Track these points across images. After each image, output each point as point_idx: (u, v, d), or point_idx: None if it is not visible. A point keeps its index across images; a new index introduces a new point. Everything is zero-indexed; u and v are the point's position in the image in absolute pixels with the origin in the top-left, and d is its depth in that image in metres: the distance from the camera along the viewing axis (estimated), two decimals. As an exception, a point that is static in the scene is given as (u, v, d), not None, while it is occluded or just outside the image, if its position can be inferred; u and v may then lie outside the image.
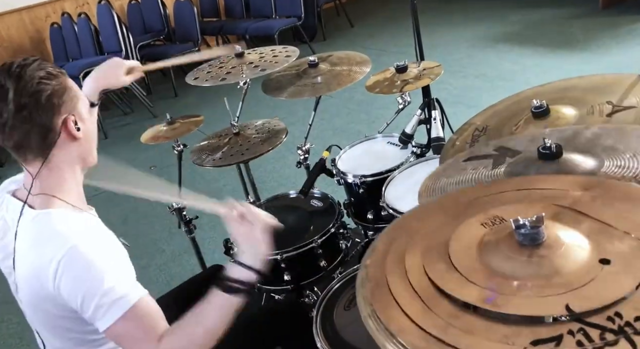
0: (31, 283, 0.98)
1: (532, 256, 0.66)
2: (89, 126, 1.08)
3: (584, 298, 0.60)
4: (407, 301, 0.68)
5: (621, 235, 0.68)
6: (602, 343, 0.55)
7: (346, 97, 4.01)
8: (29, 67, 1.00)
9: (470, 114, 1.40)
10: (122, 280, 0.97)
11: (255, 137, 1.90)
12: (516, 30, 4.65)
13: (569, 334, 0.57)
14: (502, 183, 0.93)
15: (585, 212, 0.74)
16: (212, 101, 3.87)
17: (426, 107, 1.74)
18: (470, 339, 0.60)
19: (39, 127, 0.99)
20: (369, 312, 0.69)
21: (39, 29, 5.58)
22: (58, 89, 1.01)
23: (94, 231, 1.03)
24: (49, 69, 1.01)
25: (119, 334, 0.97)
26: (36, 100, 0.97)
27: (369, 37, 5.51)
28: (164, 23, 5.45)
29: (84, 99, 1.08)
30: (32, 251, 0.98)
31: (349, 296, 1.35)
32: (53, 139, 1.01)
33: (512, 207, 0.80)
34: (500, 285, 0.65)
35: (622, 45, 3.77)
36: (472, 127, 1.38)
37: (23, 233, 1.01)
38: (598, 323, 0.57)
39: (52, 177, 1.03)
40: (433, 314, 0.64)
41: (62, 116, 1.01)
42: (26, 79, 0.97)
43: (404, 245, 0.80)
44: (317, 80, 1.87)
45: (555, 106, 1.20)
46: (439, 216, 0.84)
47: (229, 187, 3.17)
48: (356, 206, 1.83)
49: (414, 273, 0.72)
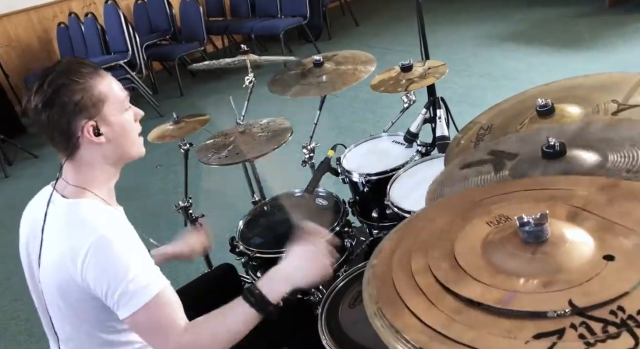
0: (59, 268, 1.01)
1: (536, 253, 0.67)
2: (118, 129, 1.08)
3: (588, 294, 0.60)
4: (412, 298, 0.69)
5: (627, 232, 0.69)
6: (604, 336, 0.56)
7: (351, 97, 4.01)
8: (50, 75, 1.02)
9: (474, 113, 1.40)
10: (146, 270, 1.00)
11: (261, 135, 1.91)
12: (521, 29, 4.63)
13: (571, 328, 0.58)
14: (507, 184, 0.94)
15: (591, 210, 0.75)
16: (218, 100, 3.88)
17: (431, 106, 1.74)
18: (473, 333, 0.61)
19: (58, 131, 1.04)
20: (374, 310, 0.69)
21: (47, 29, 5.63)
22: (78, 96, 1.02)
23: (120, 224, 1.07)
24: (74, 75, 1.02)
25: (140, 323, 1.00)
26: (51, 108, 1.01)
27: (374, 36, 5.51)
28: (170, 23, 5.48)
29: (116, 102, 1.08)
30: (61, 237, 1.01)
31: (354, 294, 1.36)
32: (75, 141, 1.04)
33: (518, 206, 0.81)
34: (504, 282, 0.65)
35: (629, 44, 3.75)
36: (477, 126, 1.39)
37: (53, 220, 1.05)
38: (600, 316, 0.58)
39: (82, 173, 1.08)
40: (437, 310, 0.65)
41: (81, 121, 1.03)
42: (47, 88, 1.01)
43: (410, 245, 0.81)
44: (323, 79, 1.87)
45: (561, 105, 1.19)
46: (445, 216, 0.85)
47: (234, 187, 3.18)
48: (361, 204, 1.84)
49: (419, 272, 0.73)
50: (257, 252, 1.65)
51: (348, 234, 1.74)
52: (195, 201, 2.09)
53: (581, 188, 0.81)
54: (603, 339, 0.55)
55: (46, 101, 1.01)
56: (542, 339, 0.57)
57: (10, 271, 2.89)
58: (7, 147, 4.54)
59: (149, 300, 0.98)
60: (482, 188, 0.98)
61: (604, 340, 0.55)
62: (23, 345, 2.33)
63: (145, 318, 0.99)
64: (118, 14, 4.78)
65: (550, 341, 0.57)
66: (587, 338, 0.56)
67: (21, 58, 5.55)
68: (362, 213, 1.85)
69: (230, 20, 5.89)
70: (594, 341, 0.55)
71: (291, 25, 5.26)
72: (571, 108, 1.19)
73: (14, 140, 4.60)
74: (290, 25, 5.25)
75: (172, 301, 1.03)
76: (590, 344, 0.55)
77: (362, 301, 1.32)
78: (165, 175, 3.60)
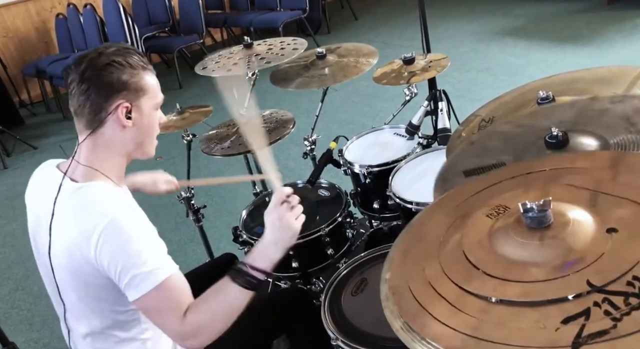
0: (72, 251, 1.03)
1: (543, 239, 0.68)
2: (145, 121, 1.11)
3: (603, 271, 0.61)
4: (435, 306, 0.69)
5: (618, 201, 0.70)
6: (628, 308, 0.56)
7: (350, 90, 4.02)
8: (110, 49, 1.06)
9: (473, 107, 1.42)
10: (157, 253, 1.03)
11: (263, 126, 1.92)
12: (521, 24, 4.65)
13: (595, 306, 0.58)
14: (494, 174, 0.95)
15: (579, 185, 0.76)
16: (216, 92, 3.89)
17: (433, 98, 1.76)
18: (503, 331, 0.61)
19: (92, 102, 1.05)
20: (400, 325, 0.69)
21: (44, 20, 5.60)
22: (126, 77, 1.06)
23: (131, 206, 1.08)
24: (130, 59, 1.07)
25: (149, 305, 1.02)
26: (98, 77, 1.04)
27: (373, 30, 5.51)
28: (168, 15, 5.46)
29: (154, 98, 1.12)
30: (73, 220, 1.03)
31: (357, 282, 1.38)
32: (103, 117, 1.06)
33: (511, 194, 0.82)
34: (519, 273, 0.66)
35: (628, 40, 3.77)
36: (478, 119, 1.40)
37: (64, 203, 1.06)
38: (619, 290, 0.59)
39: (98, 152, 1.09)
40: (463, 314, 0.65)
41: (117, 101, 1.06)
42: (101, 58, 1.04)
43: (420, 252, 0.80)
44: (325, 71, 1.89)
45: (561, 97, 1.21)
46: (444, 217, 0.85)
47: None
48: (362, 196, 1.86)
49: (436, 279, 0.73)
50: (260, 241, 1.67)
51: (350, 225, 1.77)
52: (197, 192, 2.10)
53: (564, 165, 0.82)
54: (627, 312, 0.56)
55: (97, 69, 1.04)
56: (570, 324, 0.58)
57: (11, 261, 2.90)
58: (6, 139, 4.53)
59: (158, 284, 1.00)
60: (472, 182, 0.98)
61: (629, 312, 0.56)
62: (24, 334, 2.35)
63: (153, 300, 1.01)
64: (117, 5, 4.76)
65: (578, 323, 0.57)
66: (613, 314, 0.57)
67: (19, 49, 5.53)
68: (363, 204, 1.88)
69: (229, 13, 5.87)
70: (619, 315, 0.56)
71: (290, 18, 5.25)
72: (572, 101, 1.21)
73: (12, 131, 4.59)
74: (290, 18, 5.24)
75: (181, 285, 1.05)
76: (617, 319, 0.56)
77: (365, 289, 1.35)
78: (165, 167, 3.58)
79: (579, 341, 0.56)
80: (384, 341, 1.16)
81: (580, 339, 0.56)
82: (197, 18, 5.23)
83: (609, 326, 0.56)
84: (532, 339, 0.59)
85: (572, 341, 0.56)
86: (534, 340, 0.58)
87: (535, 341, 0.58)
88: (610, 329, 0.55)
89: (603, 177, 0.76)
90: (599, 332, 0.56)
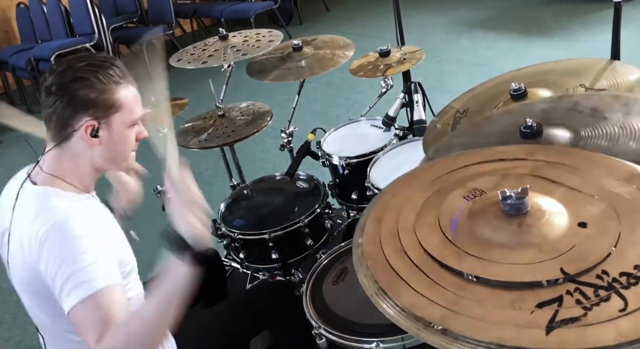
0: (22, 257, 0.99)
1: (521, 225, 0.72)
2: (116, 138, 1.05)
3: (575, 261, 0.65)
4: (411, 276, 0.70)
5: (589, 199, 0.74)
6: (597, 300, 0.60)
7: (325, 82, 4.03)
8: (80, 63, 1.01)
9: (446, 99, 1.45)
10: (97, 264, 0.94)
11: (241, 119, 1.92)
12: (490, 15, 4.74)
13: (567, 295, 0.62)
14: (468, 155, 0.96)
15: (555, 180, 0.80)
16: (192, 84, 3.82)
17: (409, 90, 1.79)
18: (481, 308, 0.64)
19: (58, 117, 1.02)
20: (375, 290, 0.70)
21: (4, 9, 5.37)
22: (94, 94, 1.01)
23: (88, 212, 1.04)
24: (102, 74, 1.01)
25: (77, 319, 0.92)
26: (64, 93, 1.00)
27: (345, 22, 5.52)
28: (136, 5, 5.32)
29: (128, 115, 1.05)
30: (24, 224, 1.00)
31: (337, 271, 1.41)
32: (68, 133, 1.02)
33: (487, 179, 0.85)
34: (498, 255, 0.69)
35: (590, 32, 3.90)
36: (453, 110, 1.44)
37: (21, 208, 1.03)
38: (590, 281, 0.63)
39: (62, 162, 1.06)
40: (440, 288, 0.68)
41: (84, 118, 1.01)
42: (67, 73, 1.00)
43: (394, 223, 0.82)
44: (302, 63, 1.89)
45: (533, 89, 1.26)
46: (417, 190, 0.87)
47: (210, 171, 3.17)
48: (341, 187, 1.88)
49: (411, 249, 0.75)
50: (240, 234, 1.68)
51: (328, 216, 1.79)
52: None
53: (540, 156, 0.86)
54: (597, 303, 0.60)
55: (61, 85, 1.00)
56: (544, 308, 0.61)
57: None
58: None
59: (85, 296, 0.90)
60: (444, 160, 1.00)
61: (598, 303, 0.60)
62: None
63: (80, 315, 0.91)
64: (82, -6, 4.61)
65: (552, 309, 0.61)
66: (584, 303, 0.61)
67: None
68: (341, 195, 1.90)
69: (199, 3, 5.77)
70: (590, 305, 0.60)
71: (262, 9, 5.19)
72: (542, 92, 1.26)
73: (-27, 125, 4.42)
74: (261, 9, 5.19)
75: (114, 301, 0.93)
76: (588, 309, 0.60)
77: (345, 278, 1.37)
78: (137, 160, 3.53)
79: (552, 325, 0.60)
80: (366, 328, 1.19)
81: (554, 324, 0.60)
82: (166, 8, 5.11)
83: (580, 314, 0.60)
84: (508, 319, 0.62)
85: (546, 324, 0.60)
86: (511, 320, 0.62)
87: (511, 321, 0.62)
88: (581, 317, 0.60)
89: (578, 175, 0.80)
90: (571, 318, 0.60)
